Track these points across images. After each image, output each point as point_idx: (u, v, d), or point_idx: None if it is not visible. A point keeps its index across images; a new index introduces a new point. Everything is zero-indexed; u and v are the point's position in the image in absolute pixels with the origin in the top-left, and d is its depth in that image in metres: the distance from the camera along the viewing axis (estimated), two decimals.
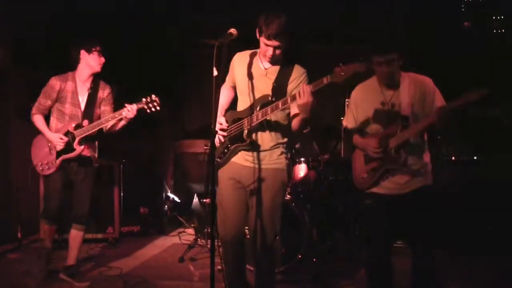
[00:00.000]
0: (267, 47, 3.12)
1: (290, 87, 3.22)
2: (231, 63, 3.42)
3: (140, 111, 4.08)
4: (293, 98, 3.02)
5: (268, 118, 3.18)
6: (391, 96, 3.42)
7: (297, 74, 3.25)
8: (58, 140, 4.16)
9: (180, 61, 7.18)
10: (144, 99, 4.05)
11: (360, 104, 3.58)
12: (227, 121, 3.37)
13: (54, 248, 5.37)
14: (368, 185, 3.50)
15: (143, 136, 6.67)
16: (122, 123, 4.19)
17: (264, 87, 3.24)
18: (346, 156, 5.64)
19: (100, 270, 4.62)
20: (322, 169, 5.18)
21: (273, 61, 3.23)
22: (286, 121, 3.32)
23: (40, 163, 4.25)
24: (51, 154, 4.23)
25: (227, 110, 3.50)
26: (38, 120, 4.28)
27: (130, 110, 4.03)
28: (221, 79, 3.04)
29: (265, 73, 3.26)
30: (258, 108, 3.19)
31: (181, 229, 6.20)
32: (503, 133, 5.34)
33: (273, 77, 3.24)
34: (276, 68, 3.26)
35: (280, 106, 3.09)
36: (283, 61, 3.26)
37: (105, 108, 4.39)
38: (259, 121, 3.18)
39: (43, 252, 4.43)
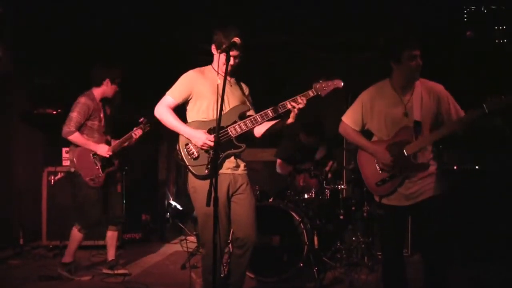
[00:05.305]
0: (234, 59, 3.27)
1: (247, 97, 3.55)
2: (187, 79, 3.41)
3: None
4: (283, 106, 3.29)
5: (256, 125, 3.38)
6: (407, 101, 3.30)
7: (246, 86, 3.59)
8: (109, 152, 4.56)
9: (184, 65, 7.19)
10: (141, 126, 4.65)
11: (375, 106, 3.37)
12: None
13: (55, 255, 5.40)
14: (387, 192, 3.32)
15: (145, 143, 6.68)
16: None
17: (232, 98, 3.41)
18: (348, 165, 5.65)
19: (102, 277, 4.62)
20: (324, 177, 5.19)
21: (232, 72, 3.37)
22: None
23: (91, 178, 4.52)
24: (97, 168, 4.55)
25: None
26: (79, 137, 4.53)
27: (137, 134, 4.67)
28: (224, 87, 3.06)
29: (229, 85, 3.42)
30: (238, 117, 3.37)
31: (183, 237, 6.19)
32: (504, 142, 5.33)
33: (237, 87, 3.52)
34: (233, 80, 3.49)
35: (271, 114, 3.32)
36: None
37: None
38: (248, 128, 3.35)
39: (71, 267, 4.65)
